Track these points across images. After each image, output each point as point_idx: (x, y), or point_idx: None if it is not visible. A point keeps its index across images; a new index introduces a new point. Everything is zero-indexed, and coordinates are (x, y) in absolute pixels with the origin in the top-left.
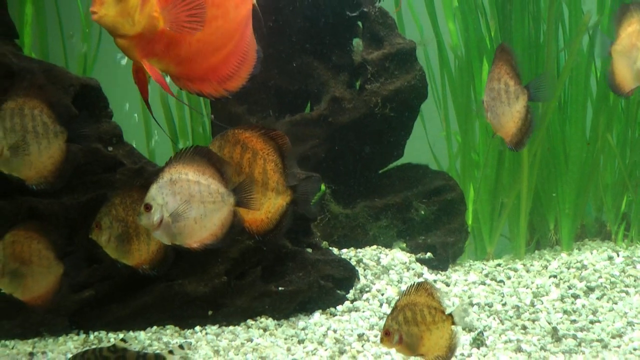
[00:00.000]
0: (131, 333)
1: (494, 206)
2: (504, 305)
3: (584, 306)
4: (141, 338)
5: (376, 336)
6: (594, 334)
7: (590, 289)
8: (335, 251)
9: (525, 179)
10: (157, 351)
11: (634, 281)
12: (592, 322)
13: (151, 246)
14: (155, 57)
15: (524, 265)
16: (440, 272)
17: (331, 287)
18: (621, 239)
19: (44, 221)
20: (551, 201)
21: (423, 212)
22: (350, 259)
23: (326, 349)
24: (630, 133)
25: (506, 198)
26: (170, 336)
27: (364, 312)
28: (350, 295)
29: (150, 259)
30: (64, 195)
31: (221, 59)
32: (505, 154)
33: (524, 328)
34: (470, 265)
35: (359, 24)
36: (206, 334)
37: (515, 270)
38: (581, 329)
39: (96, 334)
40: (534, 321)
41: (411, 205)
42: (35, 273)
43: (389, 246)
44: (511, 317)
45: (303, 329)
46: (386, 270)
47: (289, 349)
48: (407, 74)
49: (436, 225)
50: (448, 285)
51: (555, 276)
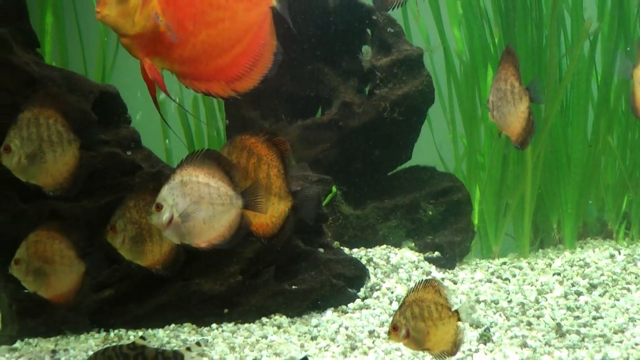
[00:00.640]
0: (150, 331)
1: (499, 206)
2: (509, 302)
3: (586, 303)
4: (160, 336)
5: (386, 333)
6: (596, 329)
7: (593, 286)
8: (346, 251)
9: (529, 180)
10: (175, 348)
11: (635, 278)
12: (594, 318)
13: (164, 247)
14: (158, 57)
15: (529, 264)
16: (448, 270)
17: (342, 285)
18: (622, 237)
19: (65, 223)
20: (554, 201)
21: (431, 213)
22: (360, 258)
23: (338, 346)
24: (630, 135)
25: (511, 199)
26: (188, 334)
27: (374, 309)
28: (361, 294)
29: (163, 260)
30: (84, 198)
31: (230, 60)
32: (509, 156)
33: (529, 324)
34: (477, 264)
35: (368, 31)
36: (222, 331)
37: (520, 269)
38: (584, 325)
39: (116, 332)
40: (538, 317)
41: (419, 206)
42: (57, 271)
43: (398, 245)
44: (517, 314)
45: (316, 326)
46: (395, 269)
47: (302, 346)
48: (414, 79)
49: (443, 225)
50: (455, 283)
51: (558, 274)
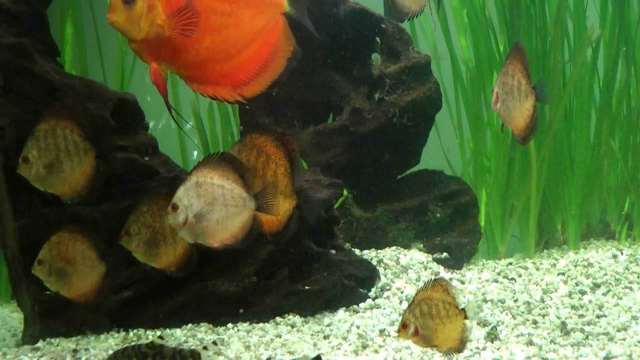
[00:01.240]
0: (168, 330)
1: (505, 208)
2: (515, 301)
3: (590, 302)
4: (177, 335)
5: (396, 332)
6: (600, 327)
7: (596, 286)
8: (357, 252)
9: (534, 182)
10: (192, 347)
11: (637, 278)
12: (598, 317)
13: (177, 250)
14: (165, 61)
15: (534, 264)
16: (456, 270)
17: (354, 286)
18: (624, 238)
19: (86, 225)
20: (559, 203)
21: (439, 215)
22: (371, 259)
23: (350, 344)
24: (632, 139)
25: (516, 201)
26: (204, 333)
27: (384, 309)
28: (372, 294)
29: (177, 262)
30: (104, 203)
31: (236, 66)
32: (515, 159)
33: (535, 323)
34: (484, 264)
35: (378, 39)
36: (238, 330)
37: (526, 269)
38: (588, 323)
39: (135, 331)
40: (544, 316)
41: (428, 209)
42: (79, 272)
43: (407, 247)
44: (522, 313)
45: (328, 325)
46: (405, 270)
47: (315, 344)
48: (422, 86)
49: (451, 227)
50: (463, 283)
51: (563, 274)
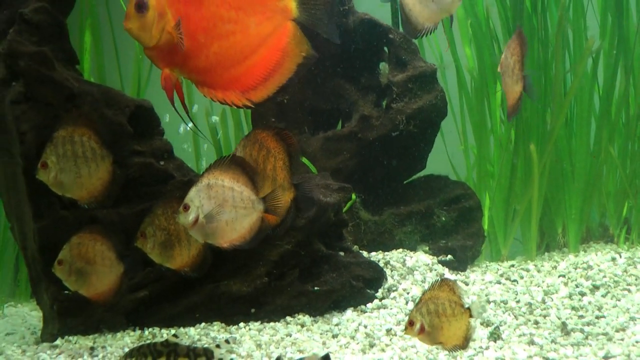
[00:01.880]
0: (182, 329)
1: (508, 212)
2: (517, 302)
3: (590, 303)
4: (191, 334)
5: (402, 330)
6: (599, 328)
7: (596, 287)
8: (365, 254)
9: (536, 187)
10: (206, 345)
11: (635, 280)
12: (597, 318)
13: (191, 251)
14: (176, 67)
15: (535, 266)
16: (460, 272)
17: (362, 286)
18: (623, 241)
19: (105, 227)
20: (559, 208)
21: (444, 219)
22: (378, 261)
23: (358, 343)
24: (630, 146)
25: (518, 205)
26: (217, 332)
27: (391, 309)
28: (379, 294)
29: (191, 263)
30: (121, 206)
31: (244, 71)
32: (517, 165)
33: (536, 323)
34: (487, 266)
35: (385, 49)
36: (249, 329)
37: (528, 271)
38: (588, 324)
39: (150, 330)
40: (545, 317)
41: (433, 212)
42: (98, 272)
43: (413, 249)
44: (524, 313)
45: (337, 324)
46: (411, 271)
47: (324, 343)
48: (428, 94)
49: (456, 230)
50: (467, 284)
51: (563, 276)
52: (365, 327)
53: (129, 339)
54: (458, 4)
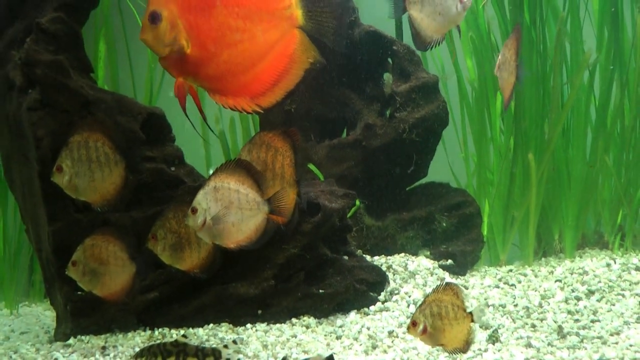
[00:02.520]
0: (191, 330)
1: (506, 219)
2: (515, 306)
3: (585, 307)
4: (199, 334)
5: (404, 333)
6: (594, 331)
7: (591, 292)
8: (368, 258)
9: (534, 195)
10: (214, 345)
11: (629, 285)
12: (593, 322)
13: (201, 253)
14: (190, 76)
15: (533, 271)
16: (460, 276)
17: (365, 290)
18: (617, 248)
19: (118, 229)
20: (556, 215)
21: (445, 224)
22: (381, 265)
23: (361, 344)
24: (625, 155)
25: (517, 212)
26: (225, 332)
27: (393, 312)
28: (381, 297)
29: (200, 265)
30: (133, 209)
31: (252, 77)
32: (516, 173)
33: (533, 326)
34: (486, 271)
35: (390, 60)
36: (256, 330)
37: (525, 275)
38: (583, 327)
39: (160, 330)
40: (542, 320)
41: (434, 218)
42: (111, 272)
43: (415, 254)
44: (522, 317)
45: (340, 326)
46: (413, 275)
47: (328, 344)
48: (431, 104)
49: (456, 235)
50: (467, 288)
51: (560, 280)
52: (368, 329)
53: (139, 339)
54: (463, 15)
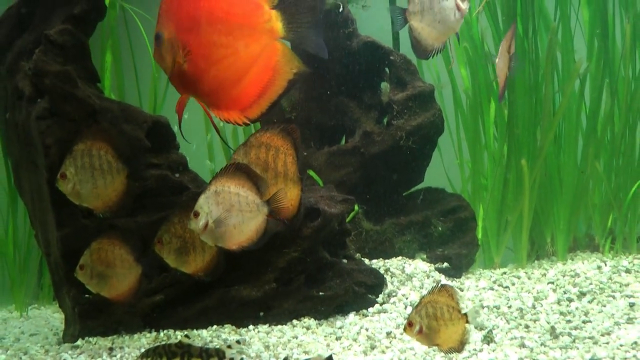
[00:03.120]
0: (195, 331)
1: (500, 223)
2: (509, 307)
3: (577, 308)
4: (203, 335)
5: (402, 333)
6: (586, 332)
7: (583, 294)
8: (366, 261)
9: (527, 200)
10: (217, 346)
11: (620, 287)
12: (584, 322)
13: (205, 257)
14: (191, 92)
15: (526, 273)
16: (455, 279)
17: (364, 292)
18: (608, 250)
19: (123, 234)
20: (548, 219)
21: (441, 228)
22: (379, 268)
23: (360, 345)
24: (615, 161)
25: (510, 216)
26: (228, 334)
27: (391, 313)
28: (379, 299)
29: (205, 268)
30: (138, 215)
31: (240, 91)
32: (509, 179)
33: (527, 327)
34: (480, 273)
35: (387, 70)
36: (258, 332)
37: (519, 278)
38: (575, 328)
39: (165, 331)
40: (535, 321)
41: (431, 223)
42: (118, 274)
43: (412, 257)
44: (516, 318)
45: (340, 327)
46: (410, 278)
47: (328, 345)
48: (427, 112)
49: (452, 239)
50: (462, 290)
51: (552, 282)
52: (367, 330)
53: (145, 340)
54: (461, 22)
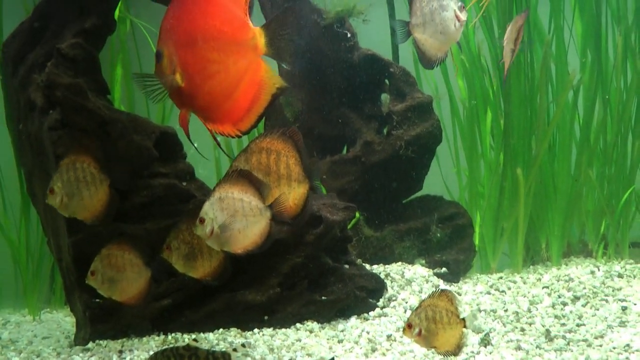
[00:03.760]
0: (202, 334)
1: (497, 229)
2: (505, 311)
3: (571, 312)
4: (210, 338)
5: (402, 336)
6: (580, 335)
7: (577, 298)
8: (367, 267)
9: (522, 207)
10: (223, 349)
11: (612, 291)
12: (578, 325)
13: (212, 262)
14: (188, 107)
15: (522, 278)
16: (453, 283)
17: (365, 296)
18: (601, 256)
19: (132, 240)
20: (543, 225)
21: (439, 235)
22: (379, 273)
23: (361, 348)
24: (607, 169)
25: (506, 223)
26: (234, 337)
27: (391, 317)
28: (380, 303)
29: (212, 273)
30: (147, 222)
31: (232, 105)
32: (505, 187)
33: (523, 330)
34: (478, 278)
35: (387, 81)
36: (263, 335)
37: (515, 282)
38: (569, 331)
39: (173, 335)
40: (530, 324)
41: (429, 229)
42: (128, 278)
43: (411, 262)
44: (512, 321)
45: (342, 331)
46: (409, 283)
47: (330, 348)
48: (425, 122)
49: (450, 245)
50: (460, 294)
51: (547, 287)
52: (368, 333)
53: (154, 343)
54: (461, 31)
